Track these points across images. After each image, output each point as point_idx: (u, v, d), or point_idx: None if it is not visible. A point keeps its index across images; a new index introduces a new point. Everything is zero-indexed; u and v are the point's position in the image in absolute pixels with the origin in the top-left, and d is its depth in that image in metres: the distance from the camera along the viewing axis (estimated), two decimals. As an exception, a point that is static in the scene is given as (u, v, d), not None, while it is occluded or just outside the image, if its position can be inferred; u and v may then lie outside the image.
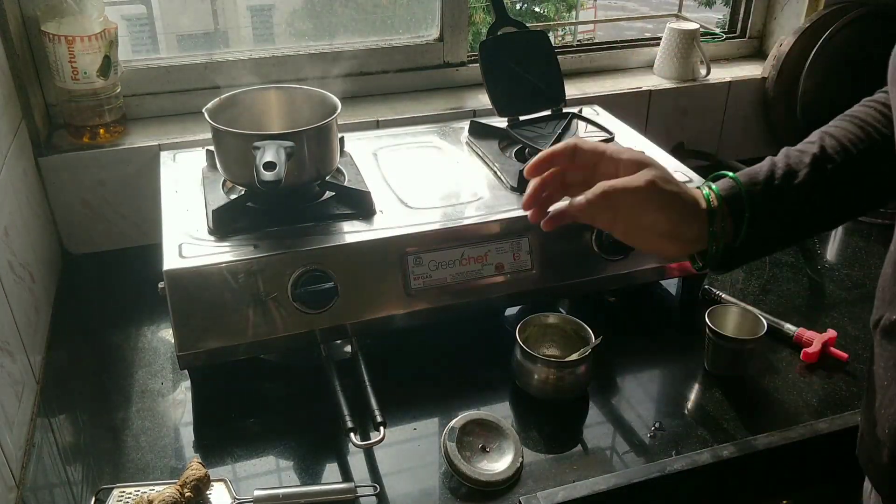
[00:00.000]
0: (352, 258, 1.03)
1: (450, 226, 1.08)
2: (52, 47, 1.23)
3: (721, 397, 1.07)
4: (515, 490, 0.91)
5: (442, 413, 1.03)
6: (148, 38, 1.68)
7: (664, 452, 0.97)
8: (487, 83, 1.31)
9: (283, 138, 1.01)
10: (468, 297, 1.09)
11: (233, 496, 0.89)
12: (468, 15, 1.57)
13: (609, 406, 1.06)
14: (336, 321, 1.03)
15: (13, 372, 0.97)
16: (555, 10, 7.93)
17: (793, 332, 1.16)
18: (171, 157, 1.27)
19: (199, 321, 0.98)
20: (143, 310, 1.22)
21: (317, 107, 1.14)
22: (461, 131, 1.37)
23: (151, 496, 0.85)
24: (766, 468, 0.99)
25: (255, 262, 0.99)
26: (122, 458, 0.96)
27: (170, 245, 1.02)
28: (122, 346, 1.16)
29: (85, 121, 1.31)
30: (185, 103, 1.43)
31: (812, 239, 1.47)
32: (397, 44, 1.56)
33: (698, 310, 1.13)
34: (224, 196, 1.10)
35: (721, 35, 1.81)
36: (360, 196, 1.11)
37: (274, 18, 1.92)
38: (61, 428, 1.04)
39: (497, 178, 1.21)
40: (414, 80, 1.58)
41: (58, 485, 0.96)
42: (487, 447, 0.95)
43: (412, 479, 0.94)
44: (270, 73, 1.46)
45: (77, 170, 1.31)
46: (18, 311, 1.03)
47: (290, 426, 1.01)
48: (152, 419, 1.02)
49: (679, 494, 0.96)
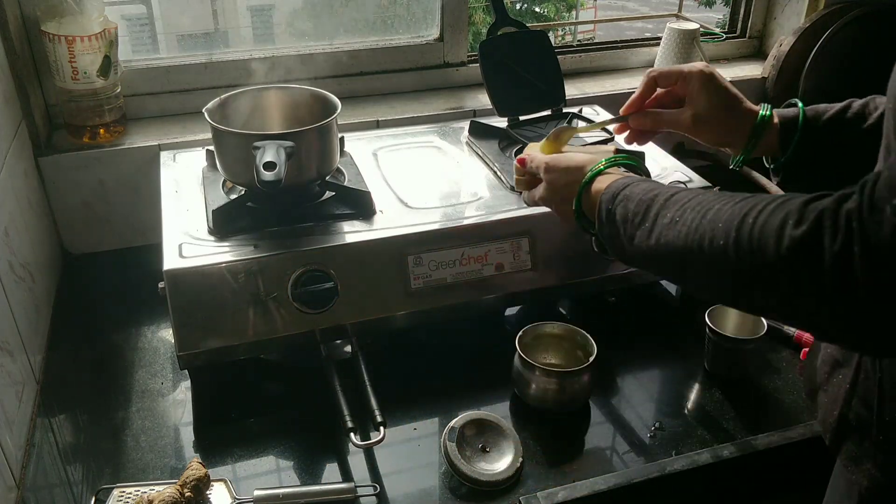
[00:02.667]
0: (352, 258, 1.03)
1: (450, 226, 1.08)
2: (52, 47, 1.23)
3: (721, 397, 1.07)
4: (515, 490, 0.91)
5: (442, 413, 1.03)
6: (148, 38, 1.68)
7: (664, 452, 0.97)
8: (487, 83, 1.31)
9: (283, 138, 1.01)
10: (468, 297, 1.09)
11: (233, 496, 0.89)
12: (468, 15, 1.57)
13: (609, 406, 1.06)
14: (336, 321, 1.03)
15: (13, 372, 0.97)
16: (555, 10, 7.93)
17: (793, 332, 1.16)
18: (171, 157, 1.27)
19: (199, 321, 0.98)
20: (143, 310, 1.22)
21: (317, 107, 1.14)
22: (461, 131, 1.37)
23: (151, 496, 0.85)
24: (766, 468, 0.99)
25: (255, 262, 0.99)
26: (122, 458, 0.96)
27: (170, 245, 1.02)
28: (122, 346, 1.16)
29: (85, 121, 1.31)
30: (185, 103, 1.43)
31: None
32: (397, 44, 1.56)
33: (698, 310, 1.13)
34: (224, 196, 1.10)
35: (721, 35, 1.81)
36: (360, 196, 1.11)
37: (274, 18, 1.92)
38: (61, 428, 1.04)
39: (497, 178, 1.21)
40: (414, 80, 1.58)
41: (58, 485, 0.96)
42: (487, 447, 0.95)
43: (412, 479, 0.94)
44: (270, 74, 1.46)
45: (77, 170, 1.31)
46: (18, 311, 1.03)
47: (290, 426, 1.01)
48: (152, 419, 1.02)
49: (679, 494, 0.96)
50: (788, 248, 0.55)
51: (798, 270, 0.55)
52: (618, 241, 0.75)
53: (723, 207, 0.63)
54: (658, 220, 0.70)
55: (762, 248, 0.57)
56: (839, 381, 0.72)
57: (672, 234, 0.67)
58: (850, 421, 0.70)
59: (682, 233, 0.66)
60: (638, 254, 0.72)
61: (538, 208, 1.11)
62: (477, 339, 1.16)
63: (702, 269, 0.64)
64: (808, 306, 0.55)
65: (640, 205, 0.72)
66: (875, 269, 0.51)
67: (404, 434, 0.99)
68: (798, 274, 0.55)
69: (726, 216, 0.61)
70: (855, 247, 0.51)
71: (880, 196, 0.51)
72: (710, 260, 0.62)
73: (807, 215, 0.55)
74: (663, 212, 0.69)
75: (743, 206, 0.61)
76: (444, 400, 1.05)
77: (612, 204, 0.76)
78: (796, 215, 0.56)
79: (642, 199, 0.73)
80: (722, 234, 0.61)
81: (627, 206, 0.74)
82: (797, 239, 0.55)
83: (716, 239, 0.62)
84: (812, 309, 0.55)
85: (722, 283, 0.63)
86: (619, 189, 0.76)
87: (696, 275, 0.66)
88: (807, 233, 0.54)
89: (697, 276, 0.66)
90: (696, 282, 0.68)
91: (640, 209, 0.72)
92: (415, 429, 1.01)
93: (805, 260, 0.54)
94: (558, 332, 1.08)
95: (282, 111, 1.19)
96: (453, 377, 1.10)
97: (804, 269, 0.54)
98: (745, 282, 0.60)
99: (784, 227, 0.56)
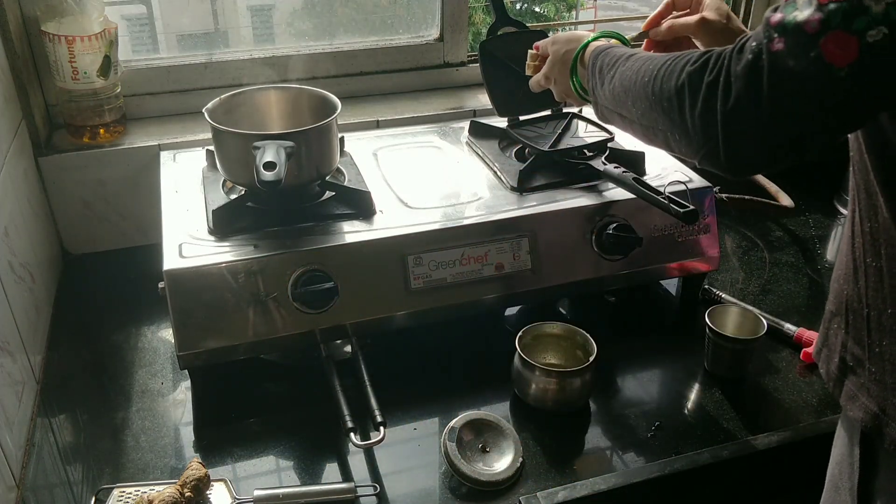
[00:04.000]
0: (352, 258, 1.03)
1: (450, 226, 1.08)
2: (52, 47, 1.23)
3: (721, 397, 1.07)
4: (515, 490, 0.91)
5: (442, 413, 1.03)
6: (148, 38, 1.68)
7: (664, 452, 0.97)
8: (487, 84, 1.31)
9: (283, 138, 1.01)
10: (468, 297, 1.09)
11: (233, 496, 0.89)
12: (468, 15, 1.57)
13: (609, 406, 1.06)
14: (336, 321, 1.03)
15: (13, 372, 0.97)
16: (555, 10, 7.93)
17: (793, 332, 1.16)
18: (171, 157, 1.27)
19: (199, 321, 0.98)
20: (143, 310, 1.22)
21: (317, 107, 1.14)
22: (461, 131, 1.37)
23: (151, 496, 0.85)
24: (766, 468, 0.99)
25: (255, 262, 0.99)
26: (122, 458, 0.96)
27: (170, 245, 1.02)
28: (122, 346, 1.16)
29: (85, 121, 1.31)
30: (185, 103, 1.43)
31: (812, 239, 1.47)
32: (397, 44, 1.56)
33: (698, 310, 1.14)
34: (224, 196, 1.10)
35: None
36: (360, 196, 1.11)
37: (274, 18, 1.92)
38: (61, 428, 1.04)
39: (497, 178, 1.21)
40: (414, 80, 1.58)
41: (58, 485, 0.96)
42: (487, 447, 0.95)
43: (412, 479, 0.94)
44: (270, 73, 1.46)
45: (77, 170, 1.31)
46: (18, 311, 1.03)
47: (290, 426, 1.01)
48: (152, 419, 1.02)
49: (679, 494, 0.96)
50: (682, 78, 0.71)
51: (683, 95, 0.70)
52: (596, 89, 0.90)
53: (660, 58, 0.77)
54: (618, 66, 0.86)
55: (668, 78, 0.73)
56: (835, 331, 0.80)
57: (625, 77, 0.83)
58: (847, 363, 0.78)
59: (627, 75, 0.83)
60: (606, 98, 0.88)
61: (538, 208, 1.12)
62: (477, 339, 1.16)
63: (638, 101, 0.79)
64: (685, 123, 0.70)
65: (613, 58, 0.89)
66: (728, 91, 0.65)
67: (404, 434, 0.99)
68: (682, 96, 0.70)
69: (658, 61, 0.76)
70: (721, 77, 0.66)
71: (746, 40, 0.65)
72: (641, 93, 0.78)
73: (701, 57, 0.69)
74: (624, 62, 0.86)
75: (670, 56, 0.76)
76: (444, 400, 1.05)
77: (596, 58, 0.92)
78: (695, 57, 0.70)
79: (615, 55, 0.89)
80: (651, 72, 0.77)
81: (604, 59, 0.90)
82: (689, 72, 0.70)
83: (647, 75, 0.77)
84: (688, 125, 0.70)
85: (649, 114, 0.78)
86: (604, 48, 0.93)
87: (636, 108, 0.80)
88: (695, 69, 0.69)
89: (636, 109, 0.80)
90: (638, 118, 0.81)
91: (612, 61, 0.89)
92: (415, 429, 1.01)
93: (689, 87, 0.69)
94: (558, 332, 1.08)
95: (282, 111, 1.19)
96: (453, 377, 1.10)
97: (688, 94, 0.69)
98: (657, 108, 0.75)
99: (686, 65, 0.71)
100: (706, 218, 1.18)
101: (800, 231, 1.50)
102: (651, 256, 1.16)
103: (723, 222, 1.46)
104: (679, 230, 1.16)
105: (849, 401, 0.77)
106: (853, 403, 0.76)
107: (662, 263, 1.18)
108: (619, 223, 1.11)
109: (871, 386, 0.74)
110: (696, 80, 0.69)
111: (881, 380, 0.73)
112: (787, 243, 1.46)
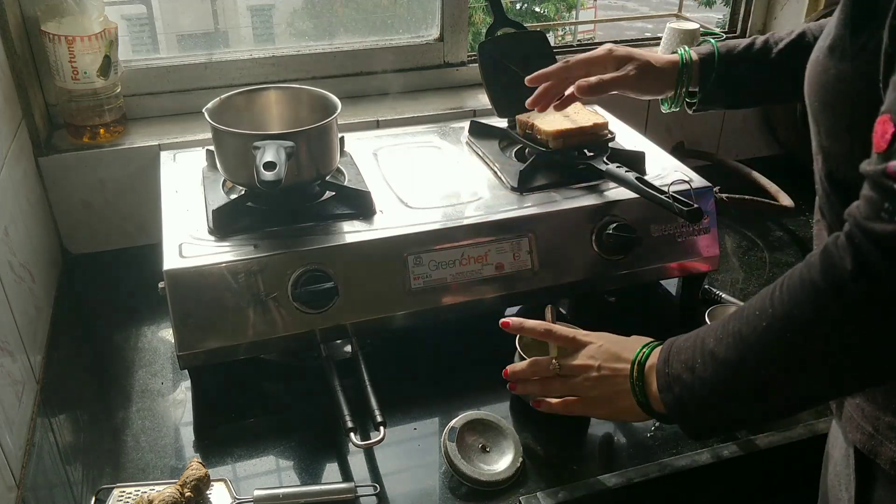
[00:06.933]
0: (352, 258, 1.03)
1: (450, 226, 1.08)
2: (52, 47, 1.23)
3: (721, 397, 1.06)
4: (515, 490, 0.91)
5: (442, 413, 1.03)
6: (148, 38, 1.68)
7: (664, 452, 0.97)
8: (487, 84, 1.31)
9: (283, 138, 1.00)
10: (468, 296, 1.09)
11: (233, 496, 0.89)
12: (468, 15, 1.57)
13: (609, 406, 1.05)
14: (336, 321, 1.03)
15: (13, 372, 0.97)
16: (555, 10, 7.94)
17: (793, 332, 1.16)
18: (171, 157, 1.27)
19: (199, 321, 0.98)
20: (143, 310, 1.22)
21: (317, 107, 1.14)
22: (461, 131, 1.37)
23: (151, 496, 0.85)
24: (766, 468, 0.99)
25: (255, 262, 0.99)
26: (122, 458, 0.96)
27: (170, 245, 1.02)
28: (122, 346, 1.16)
29: (85, 121, 1.31)
30: (185, 103, 1.43)
31: (812, 239, 1.47)
32: (397, 44, 1.56)
33: (698, 310, 1.13)
34: (224, 196, 1.10)
35: (721, 35, 1.80)
36: (360, 196, 1.11)
37: (274, 18, 1.92)
38: (61, 428, 1.04)
39: (497, 178, 1.21)
40: (414, 80, 1.58)
41: (58, 485, 0.96)
42: (487, 447, 0.95)
43: (412, 479, 0.94)
44: (270, 73, 1.46)
45: (77, 170, 1.31)
46: (18, 310, 1.03)
47: (290, 426, 1.01)
48: (152, 419, 1.02)
49: (679, 494, 0.96)
50: (813, 293, 0.58)
51: (828, 303, 0.56)
52: (685, 394, 0.74)
53: (749, 305, 0.66)
54: (705, 349, 0.71)
55: (798, 307, 0.59)
56: None
57: (731, 352, 0.68)
58: None
59: (732, 345, 0.67)
60: (708, 395, 0.72)
61: (538, 208, 1.12)
62: (477, 339, 1.16)
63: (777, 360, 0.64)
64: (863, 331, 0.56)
65: (690, 348, 0.73)
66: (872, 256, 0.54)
67: (404, 434, 0.99)
68: (829, 307, 0.56)
69: (756, 304, 0.64)
70: (858, 259, 0.54)
71: (847, 217, 0.56)
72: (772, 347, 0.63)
73: (810, 261, 0.58)
74: (709, 341, 0.70)
75: (763, 296, 0.64)
76: (444, 400, 1.05)
77: (668, 365, 0.76)
78: (803, 267, 0.59)
79: (689, 346, 0.73)
80: (761, 316, 0.63)
81: (679, 357, 0.74)
82: (817, 282, 0.57)
83: (759, 324, 0.63)
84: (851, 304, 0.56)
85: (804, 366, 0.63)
86: (668, 349, 0.77)
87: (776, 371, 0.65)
88: (821, 271, 0.56)
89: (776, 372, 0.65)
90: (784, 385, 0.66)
91: (693, 350, 0.73)
92: (415, 429, 1.01)
93: (833, 292, 0.56)
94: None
95: (282, 111, 1.19)
96: (453, 377, 1.10)
97: (834, 298, 0.56)
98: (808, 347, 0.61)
99: (803, 280, 0.59)
100: (706, 218, 1.18)
101: (800, 231, 1.50)
102: (651, 256, 1.16)
103: (723, 222, 1.46)
104: (679, 230, 1.16)
105: (848, 422, 0.76)
106: (851, 424, 0.75)
107: (662, 263, 1.18)
108: (620, 223, 1.11)
109: (864, 406, 0.73)
110: (834, 279, 0.56)
111: (873, 399, 0.72)
112: (787, 243, 1.46)
